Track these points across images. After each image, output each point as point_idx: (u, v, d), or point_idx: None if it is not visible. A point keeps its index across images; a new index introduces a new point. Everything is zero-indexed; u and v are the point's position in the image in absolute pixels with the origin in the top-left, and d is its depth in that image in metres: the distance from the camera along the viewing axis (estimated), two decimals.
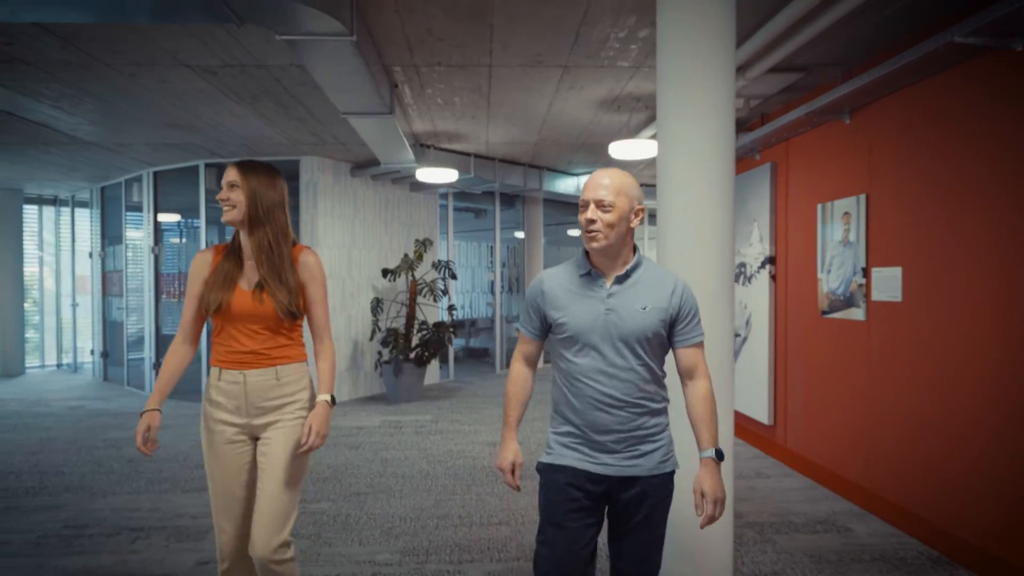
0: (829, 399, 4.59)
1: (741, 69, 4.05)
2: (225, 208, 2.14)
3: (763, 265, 5.52)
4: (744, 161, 5.90)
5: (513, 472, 1.93)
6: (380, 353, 7.58)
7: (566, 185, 8.65)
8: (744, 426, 5.81)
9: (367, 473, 4.65)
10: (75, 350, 10.36)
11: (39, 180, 8.99)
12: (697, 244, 2.81)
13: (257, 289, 2.11)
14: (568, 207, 10.73)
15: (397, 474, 4.63)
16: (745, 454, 5.15)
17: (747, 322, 5.85)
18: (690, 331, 1.90)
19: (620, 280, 1.87)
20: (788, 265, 5.19)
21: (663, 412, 1.92)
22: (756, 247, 5.65)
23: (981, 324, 3.24)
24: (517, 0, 3.29)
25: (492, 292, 10.21)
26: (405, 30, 3.66)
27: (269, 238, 2.14)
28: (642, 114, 5.55)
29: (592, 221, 1.82)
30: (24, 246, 10.01)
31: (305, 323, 2.28)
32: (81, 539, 3.48)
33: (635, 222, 1.88)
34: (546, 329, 1.97)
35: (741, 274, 5.98)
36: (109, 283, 9.12)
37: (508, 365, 1.38)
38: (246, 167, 2.17)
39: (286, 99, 4.93)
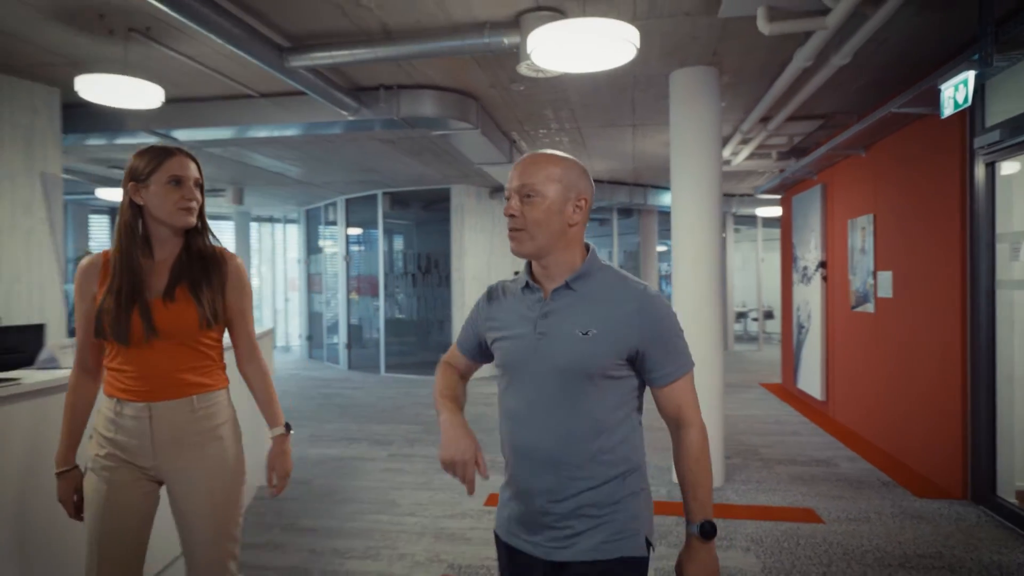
0: (856, 376, 5.75)
1: (764, 120, 5.37)
2: (190, 208, 1.73)
3: (817, 268, 6.66)
4: (805, 181, 7.04)
5: (477, 462, 1.31)
6: None
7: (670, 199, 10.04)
8: (804, 402, 6.98)
9: (488, 423, 6.49)
10: (286, 335, 13.39)
11: (264, 205, 11.94)
12: (695, 257, 4.31)
13: (168, 297, 1.70)
14: None
15: None
16: (793, 420, 6.35)
17: (808, 316, 6.98)
18: (668, 363, 1.37)
19: (558, 294, 1.39)
20: (833, 268, 6.33)
21: (621, 478, 1.38)
22: (813, 253, 6.79)
23: (936, 315, 4.41)
24: (584, 95, 4.94)
25: None
26: (516, 115, 5.45)
27: (208, 238, 1.81)
28: None
29: (513, 216, 1.37)
30: (251, 255, 13.16)
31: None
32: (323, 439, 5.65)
33: (576, 217, 1.39)
34: (482, 352, 1.54)
35: (804, 275, 7.12)
36: (312, 283, 11.88)
37: None
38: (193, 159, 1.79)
39: (440, 152, 6.92)
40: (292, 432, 1.92)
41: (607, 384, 1.36)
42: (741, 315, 14.76)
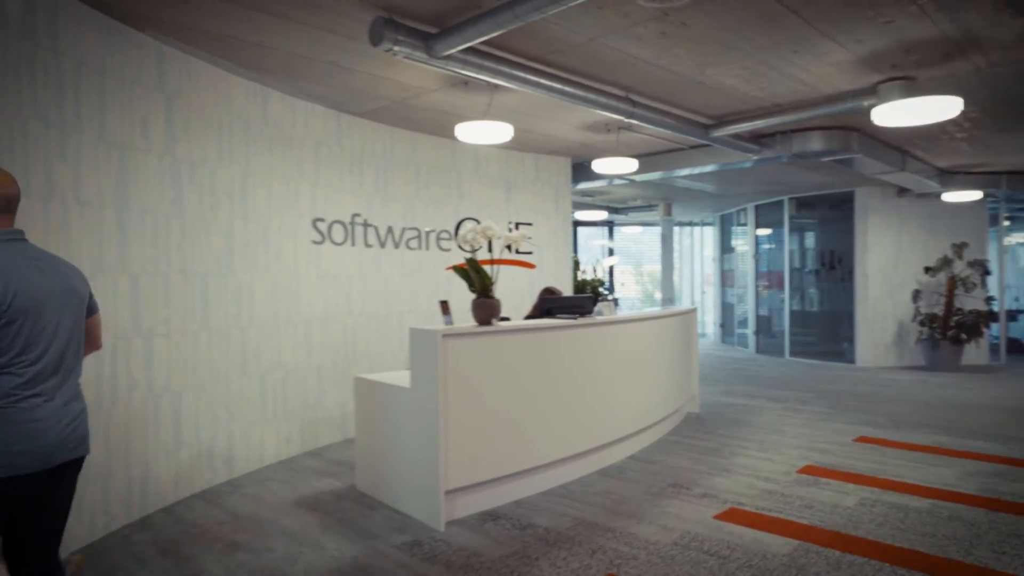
0: None
1: None
2: None
3: None
4: None
5: None
6: (920, 332, 9.75)
7: None
8: None
9: (878, 399, 7.40)
10: (702, 323, 15.58)
11: (684, 213, 14.33)
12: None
13: None
14: None
15: (903, 398, 7.22)
16: None
17: None
18: None
19: None
20: None
21: None
22: None
23: None
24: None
25: None
26: (901, 135, 6.41)
27: None
28: None
29: None
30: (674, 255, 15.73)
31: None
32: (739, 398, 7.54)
33: None
34: None
35: None
36: (725, 278, 13.78)
37: None
38: None
39: (836, 169, 8.05)
40: None
41: None
42: None
